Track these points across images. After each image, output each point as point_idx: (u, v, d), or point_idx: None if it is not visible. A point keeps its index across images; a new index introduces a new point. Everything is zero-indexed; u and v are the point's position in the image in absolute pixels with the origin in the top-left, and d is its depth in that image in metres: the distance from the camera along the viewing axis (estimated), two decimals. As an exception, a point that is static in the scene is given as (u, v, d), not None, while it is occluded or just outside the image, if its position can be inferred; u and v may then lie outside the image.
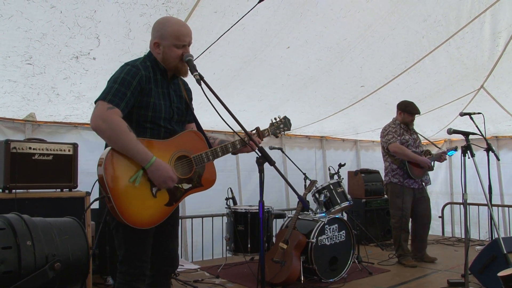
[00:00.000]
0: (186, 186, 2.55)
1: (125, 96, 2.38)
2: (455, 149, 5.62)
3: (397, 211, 5.57)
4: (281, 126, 3.06)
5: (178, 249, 2.83)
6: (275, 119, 2.98)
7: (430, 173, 5.82)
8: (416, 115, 5.65)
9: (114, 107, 2.33)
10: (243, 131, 2.57)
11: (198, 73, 2.51)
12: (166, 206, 2.47)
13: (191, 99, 2.88)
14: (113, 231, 2.45)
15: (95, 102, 2.39)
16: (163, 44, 2.54)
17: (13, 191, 3.81)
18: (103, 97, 2.35)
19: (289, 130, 3.06)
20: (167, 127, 2.59)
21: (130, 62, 2.54)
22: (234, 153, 2.87)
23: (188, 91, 2.86)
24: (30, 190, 4.02)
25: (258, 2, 3.88)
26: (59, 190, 4.20)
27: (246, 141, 2.75)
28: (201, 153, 2.63)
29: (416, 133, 5.77)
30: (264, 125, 3.02)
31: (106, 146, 2.43)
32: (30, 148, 4.02)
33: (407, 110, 5.62)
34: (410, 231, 5.69)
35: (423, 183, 5.68)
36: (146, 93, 2.49)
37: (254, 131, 2.92)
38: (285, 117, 2.98)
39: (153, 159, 2.34)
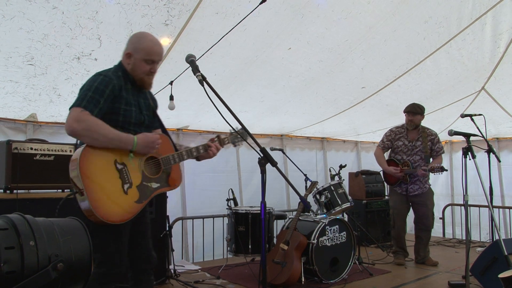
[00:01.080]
0: (154, 185, 2.68)
1: (98, 103, 2.50)
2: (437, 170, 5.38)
3: (390, 209, 5.94)
4: (238, 137, 3.16)
5: (178, 250, 2.94)
6: (234, 130, 2.99)
7: (430, 174, 5.75)
8: (409, 114, 5.64)
9: (86, 110, 2.45)
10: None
11: (201, 73, 2.59)
12: (136, 203, 2.56)
13: (156, 106, 3.03)
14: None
15: (70, 109, 2.47)
16: (135, 56, 2.70)
17: (15, 191, 3.81)
18: (77, 104, 2.46)
19: (245, 141, 3.06)
20: (136, 131, 2.71)
21: (102, 72, 2.65)
22: (197, 159, 3.03)
23: (154, 100, 3.02)
24: (32, 191, 4.03)
25: (260, 3, 3.89)
26: (61, 190, 4.21)
27: (205, 148, 2.98)
28: (168, 155, 2.79)
29: (423, 140, 5.64)
30: (264, 127, 3.05)
31: (76, 148, 2.55)
32: (31, 148, 4.02)
33: (406, 111, 5.71)
34: (401, 231, 5.81)
35: (405, 191, 5.67)
36: (117, 100, 2.62)
37: (216, 139, 3.08)
38: (243, 129, 2.94)
39: (135, 139, 2.55)
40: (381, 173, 5.95)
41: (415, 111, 5.62)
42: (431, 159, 5.68)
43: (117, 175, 2.50)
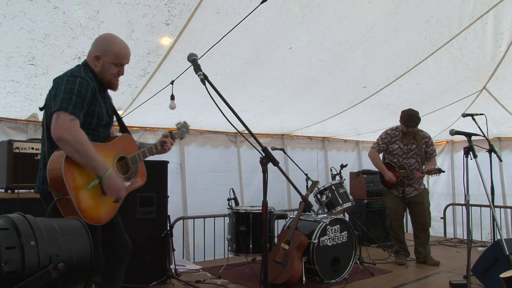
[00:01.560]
0: (126, 183, 2.77)
1: (82, 107, 2.56)
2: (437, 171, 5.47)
3: (386, 210, 5.97)
4: (183, 129, 3.39)
5: (179, 249, 3.03)
6: (179, 123, 3.37)
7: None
8: (411, 128, 5.61)
9: (76, 118, 2.49)
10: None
11: (202, 72, 2.60)
12: (114, 202, 2.68)
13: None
14: None
15: (55, 111, 2.48)
16: (104, 59, 2.75)
17: (16, 191, 3.82)
18: (64, 108, 2.47)
19: (188, 133, 3.45)
20: (104, 132, 2.83)
21: (76, 74, 2.65)
22: (157, 153, 3.13)
23: (110, 99, 3.03)
24: (33, 190, 4.03)
25: (261, 3, 3.89)
26: (62, 190, 4.20)
27: (161, 144, 3.12)
28: (134, 154, 2.89)
29: (418, 143, 5.67)
30: (265, 126, 3.05)
31: (45, 154, 2.61)
32: (32, 148, 4.04)
33: (403, 120, 5.66)
34: (399, 231, 5.87)
35: (402, 193, 5.76)
36: (93, 102, 2.68)
37: (168, 134, 3.21)
38: (185, 122, 3.40)
39: (109, 170, 2.56)
40: (379, 175, 5.99)
41: (415, 124, 5.61)
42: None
43: (95, 178, 2.55)
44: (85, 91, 2.58)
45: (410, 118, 5.59)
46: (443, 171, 5.56)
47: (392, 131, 5.86)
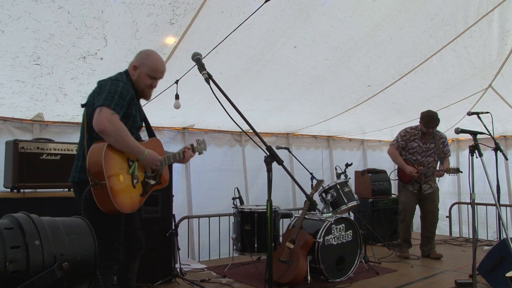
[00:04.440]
0: (152, 182, 3.05)
1: (122, 107, 2.85)
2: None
3: (400, 205, 6.18)
4: (202, 146, 3.67)
5: (184, 248, 3.21)
6: (199, 139, 3.67)
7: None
8: (431, 129, 5.80)
9: (116, 113, 2.77)
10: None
11: (207, 71, 2.64)
12: (141, 196, 2.96)
13: None
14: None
15: (98, 107, 2.75)
16: (140, 69, 3.09)
17: (22, 190, 3.83)
18: (107, 104, 2.75)
19: (206, 150, 3.72)
20: (136, 134, 3.10)
21: (119, 78, 2.98)
22: (179, 162, 3.42)
23: (141, 107, 3.33)
24: (38, 190, 4.05)
25: (265, 2, 3.88)
26: (67, 189, 4.23)
27: (183, 154, 3.38)
28: (162, 156, 3.15)
29: (436, 143, 5.91)
30: (270, 125, 3.03)
31: (84, 146, 2.90)
32: (38, 148, 4.05)
33: (423, 122, 5.85)
34: (409, 226, 6.15)
35: (417, 189, 5.98)
36: (131, 106, 2.98)
37: (190, 147, 3.48)
38: (204, 140, 3.71)
39: (145, 152, 2.90)
40: (394, 172, 6.33)
41: (435, 125, 5.79)
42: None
43: (129, 171, 2.86)
44: (126, 94, 2.89)
45: (430, 119, 5.77)
46: (461, 172, 5.80)
47: (412, 129, 6.04)
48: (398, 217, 6.34)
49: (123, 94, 2.86)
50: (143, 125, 3.29)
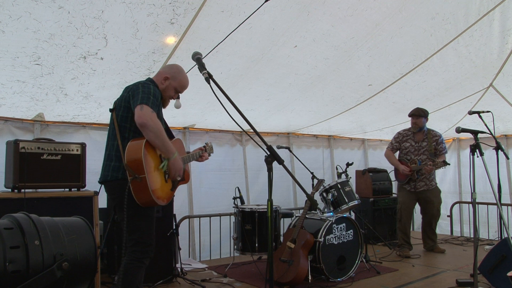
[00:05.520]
0: (178, 177, 3.20)
1: (156, 106, 3.05)
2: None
3: (398, 204, 6.38)
4: (211, 149, 3.93)
5: (184, 248, 3.38)
6: (207, 144, 3.93)
7: (438, 172, 5.90)
8: (413, 117, 6.13)
9: (154, 112, 2.98)
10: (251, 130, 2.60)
11: (207, 71, 2.65)
12: (171, 191, 3.20)
13: None
14: (126, 221, 2.92)
15: (139, 104, 2.95)
16: (171, 82, 3.34)
17: (22, 190, 3.83)
18: (146, 103, 2.96)
19: (212, 153, 3.98)
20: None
21: (148, 83, 3.22)
22: (197, 160, 3.72)
23: None
24: (39, 190, 4.05)
25: (265, 1, 3.88)
26: (68, 189, 4.23)
27: (202, 153, 3.75)
28: (184, 156, 3.42)
29: (429, 141, 6.09)
30: (271, 125, 3.02)
31: (117, 146, 3.11)
32: (38, 148, 4.05)
33: (409, 114, 6.20)
34: (407, 225, 6.27)
35: (414, 188, 6.16)
36: (159, 108, 3.20)
37: (203, 148, 3.80)
38: (211, 144, 3.97)
39: (176, 153, 3.08)
40: (393, 172, 6.51)
41: (418, 114, 6.11)
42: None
43: (159, 167, 3.06)
44: (158, 96, 3.15)
45: (414, 109, 6.15)
46: (448, 164, 6.00)
47: (404, 131, 6.36)
48: (396, 217, 6.47)
49: (156, 95, 3.10)
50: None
